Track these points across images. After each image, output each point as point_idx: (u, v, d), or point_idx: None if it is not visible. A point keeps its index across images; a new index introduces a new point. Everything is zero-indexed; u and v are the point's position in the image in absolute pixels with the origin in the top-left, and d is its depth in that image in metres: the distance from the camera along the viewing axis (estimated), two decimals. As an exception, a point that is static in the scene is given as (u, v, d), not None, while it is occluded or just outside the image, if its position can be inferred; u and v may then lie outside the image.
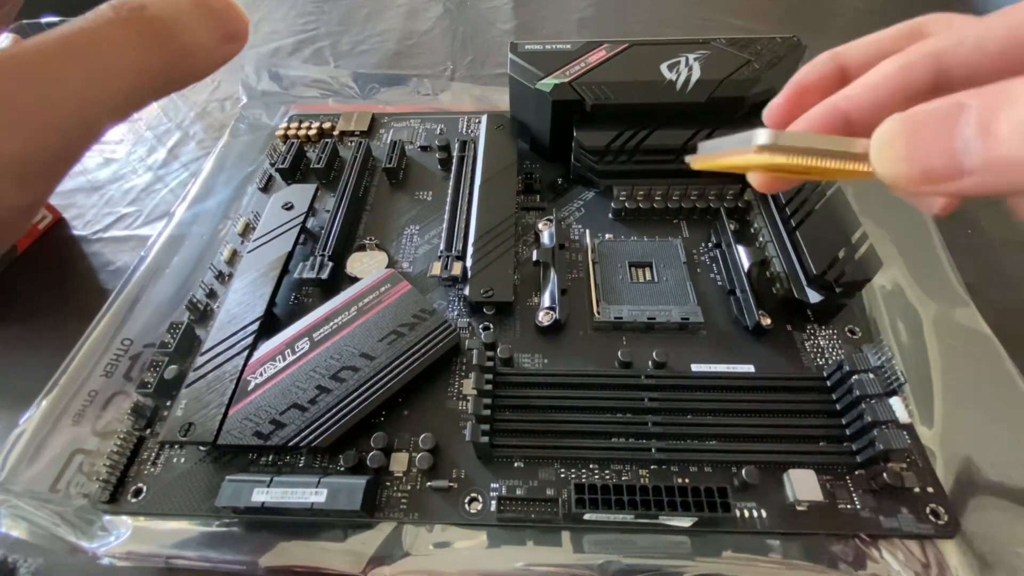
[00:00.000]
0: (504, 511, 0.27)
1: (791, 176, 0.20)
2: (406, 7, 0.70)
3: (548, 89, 0.40)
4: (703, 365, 0.33)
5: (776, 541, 0.27)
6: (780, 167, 0.16)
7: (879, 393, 0.28)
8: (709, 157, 0.19)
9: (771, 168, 0.16)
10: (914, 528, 0.27)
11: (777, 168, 0.16)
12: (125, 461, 0.30)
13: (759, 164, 0.16)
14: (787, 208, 0.36)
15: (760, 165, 0.16)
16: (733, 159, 0.17)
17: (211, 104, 0.59)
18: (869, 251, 0.32)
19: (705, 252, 0.39)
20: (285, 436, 0.29)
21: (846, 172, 0.15)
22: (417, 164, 0.48)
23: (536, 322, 0.35)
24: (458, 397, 0.33)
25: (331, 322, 0.33)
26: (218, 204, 0.46)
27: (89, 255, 0.46)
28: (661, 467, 0.30)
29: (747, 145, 0.16)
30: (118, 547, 0.28)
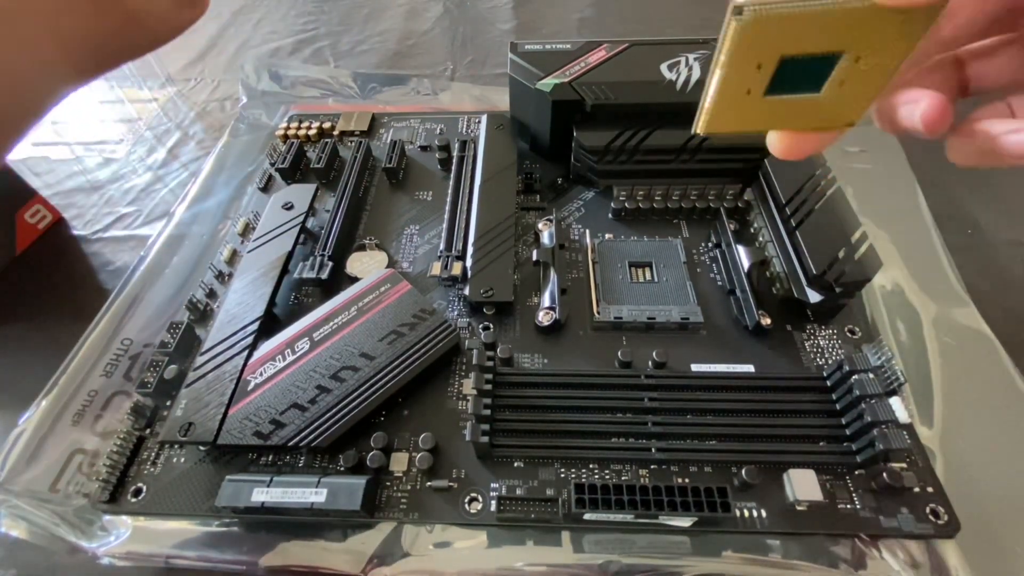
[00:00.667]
0: (504, 511, 0.27)
1: (806, 128, 0.18)
2: (406, 7, 0.70)
3: (548, 89, 0.40)
4: (703, 365, 0.33)
5: (776, 541, 0.27)
6: (774, 38, 0.14)
7: (879, 393, 0.28)
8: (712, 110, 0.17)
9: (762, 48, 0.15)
10: (914, 528, 0.27)
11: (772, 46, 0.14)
12: (125, 461, 0.30)
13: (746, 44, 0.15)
14: (787, 208, 0.36)
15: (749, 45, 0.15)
16: (729, 80, 0.16)
17: (211, 104, 0.59)
18: (869, 251, 0.32)
19: (705, 252, 0.39)
20: (285, 436, 0.29)
21: (844, 13, 0.14)
22: (417, 164, 0.48)
23: (536, 322, 0.35)
24: (458, 397, 0.33)
25: (331, 322, 0.33)
26: (218, 204, 0.46)
27: (89, 255, 0.46)
28: (661, 467, 0.30)
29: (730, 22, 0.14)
30: (118, 547, 0.28)
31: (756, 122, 0.17)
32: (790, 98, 0.16)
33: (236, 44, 0.67)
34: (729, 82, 0.16)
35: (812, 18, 0.14)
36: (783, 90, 0.16)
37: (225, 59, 0.65)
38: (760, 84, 0.16)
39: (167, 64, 0.64)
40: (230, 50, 0.66)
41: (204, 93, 0.61)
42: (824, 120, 0.17)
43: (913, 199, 0.43)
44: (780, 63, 0.15)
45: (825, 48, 0.15)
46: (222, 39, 0.68)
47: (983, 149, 0.17)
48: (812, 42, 0.15)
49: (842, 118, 0.17)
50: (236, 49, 0.66)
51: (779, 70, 0.16)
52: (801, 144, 0.18)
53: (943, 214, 0.42)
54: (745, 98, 0.16)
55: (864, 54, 0.15)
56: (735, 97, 0.16)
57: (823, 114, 0.17)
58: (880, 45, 0.15)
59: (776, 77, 0.16)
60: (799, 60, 0.15)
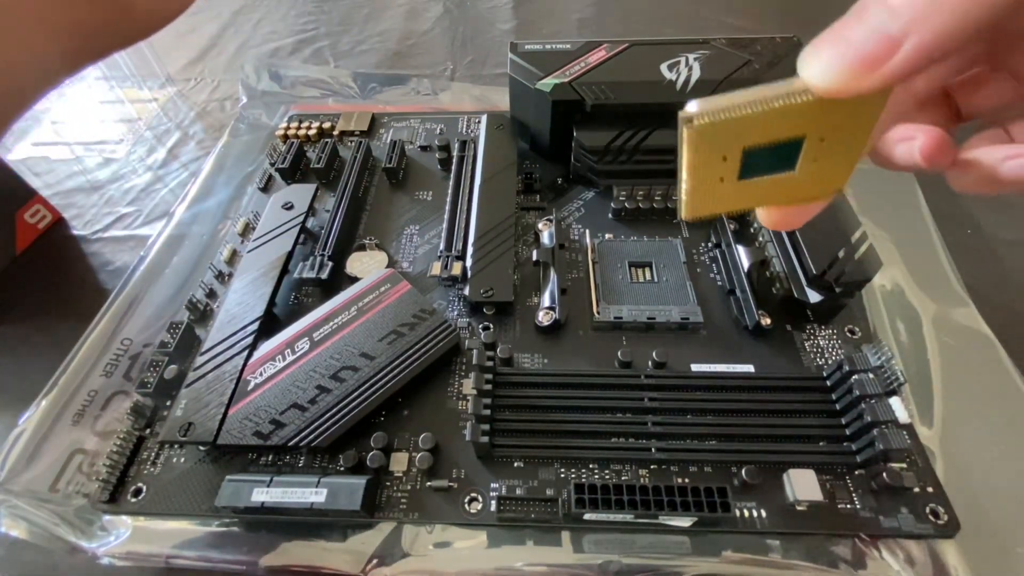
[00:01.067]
0: (504, 511, 0.27)
1: (792, 203, 0.18)
2: (406, 7, 0.70)
3: (548, 89, 0.40)
4: (703, 365, 0.33)
5: (776, 541, 0.27)
6: (725, 130, 0.15)
7: (879, 393, 0.28)
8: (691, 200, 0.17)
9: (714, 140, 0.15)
10: (914, 528, 0.27)
11: (724, 136, 0.15)
12: (125, 461, 0.30)
13: (701, 142, 0.15)
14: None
15: (703, 142, 0.15)
16: (698, 176, 0.16)
17: (211, 104, 0.59)
18: (869, 251, 0.32)
19: (705, 252, 0.39)
20: (285, 436, 0.29)
21: (790, 109, 0.14)
22: (417, 164, 0.48)
23: (536, 322, 0.35)
24: (458, 397, 0.33)
25: (331, 322, 0.33)
26: (218, 204, 0.46)
27: (89, 255, 0.46)
28: (661, 467, 0.30)
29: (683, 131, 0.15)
30: (118, 547, 0.28)
31: (739, 202, 0.17)
32: (767, 179, 0.16)
33: (236, 44, 0.67)
34: (698, 176, 0.16)
35: (760, 118, 0.14)
36: (756, 173, 0.16)
37: (225, 59, 0.65)
38: (731, 172, 0.16)
39: (167, 64, 0.64)
40: (230, 50, 0.66)
41: (204, 93, 0.61)
42: (808, 192, 0.17)
43: (913, 199, 0.43)
44: (744, 154, 0.15)
45: (784, 137, 0.15)
46: (222, 39, 0.68)
47: (983, 177, 0.17)
48: (768, 135, 0.15)
49: (827, 187, 0.17)
50: (236, 49, 0.66)
51: (746, 159, 0.16)
52: (791, 217, 0.18)
53: (943, 214, 0.42)
54: (720, 185, 0.16)
55: (825, 136, 0.15)
56: (710, 186, 0.16)
57: (806, 187, 0.17)
58: (837, 128, 0.15)
59: (745, 164, 0.16)
60: (762, 149, 0.15)
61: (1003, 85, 0.18)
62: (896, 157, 0.17)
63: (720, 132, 0.15)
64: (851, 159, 0.16)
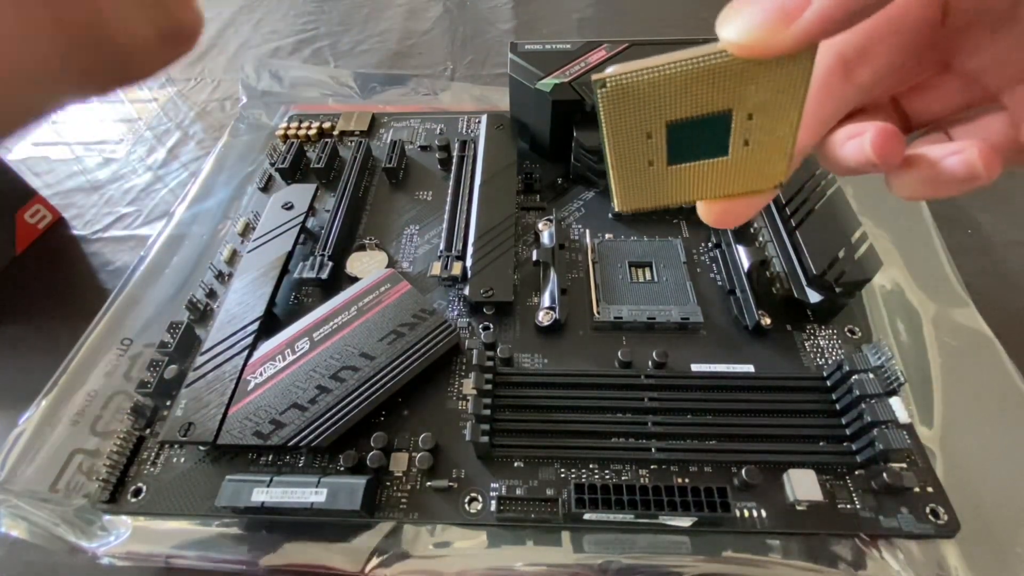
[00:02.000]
0: (504, 511, 0.27)
1: (730, 195, 0.16)
2: (406, 7, 0.70)
3: (548, 89, 0.40)
4: (703, 365, 0.33)
5: (776, 541, 0.27)
6: (638, 93, 0.14)
7: (879, 393, 0.28)
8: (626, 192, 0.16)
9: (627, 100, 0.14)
10: (914, 528, 0.27)
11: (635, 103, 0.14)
12: (125, 461, 0.30)
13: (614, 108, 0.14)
14: (787, 208, 0.36)
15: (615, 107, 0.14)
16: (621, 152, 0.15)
17: (211, 104, 0.59)
18: (869, 251, 0.32)
19: (705, 252, 0.39)
20: (285, 436, 0.29)
21: (709, 71, 0.13)
22: (417, 164, 0.48)
23: (536, 322, 0.35)
24: (458, 397, 0.33)
25: (331, 322, 0.33)
26: (218, 204, 0.46)
27: (89, 255, 0.46)
28: (661, 467, 0.30)
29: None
30: (118, 547, 0.28)
31: (675, 194, 0.16)
32: (699, 165, 0.15)
33: (236, 44, 0.67)
34: (623, 157, 0.15)
35: (676, 80, 0.13)
36: (687, 157, 0.15)
37: (225, 59, 0.65)
38: (659, 154, 0.15)
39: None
40: (230, 50, 0.66)
41: (204, 93, 0.61)
42: (748, 184, 0.16)
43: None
44: (669, 129, 0.15)
45: (706, 109, 0.14)
46: (222, 39, 0.68)
47: (926, 177, 0.16)
48: (689, 104, 0.14)
49: (766, 179, 0.16)
50: (236, 49, 0.66)
51: (672, 137, 0.15)
52: (731, 211, 0.17)
53: (943, 214, 0.42)
54: (650, 171, 0.15)
55: (752, 111, 0.14)
56: (639, 171, 0.15)
57: (743, 177, 0.16)
58: (762, 100, 0.14)
59: (672, 144, 0.15)
60: (688, 125, 0.14)
61: (950, 89, 0.18)
62: (846, 154, 0.17)
63: (635, 96, 0.14)
64: (785, 143, 0.15)
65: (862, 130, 0.16)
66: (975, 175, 0.15)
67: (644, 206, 0.16)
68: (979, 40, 0.16)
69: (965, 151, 0.15)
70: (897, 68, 0.17)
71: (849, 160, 0.17)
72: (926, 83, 0.18)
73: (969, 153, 0.15)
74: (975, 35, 0.16)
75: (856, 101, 0.17)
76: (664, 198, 0.16)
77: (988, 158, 0.15)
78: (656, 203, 0.16)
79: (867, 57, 0.16)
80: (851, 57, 0.16)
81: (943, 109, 0.18)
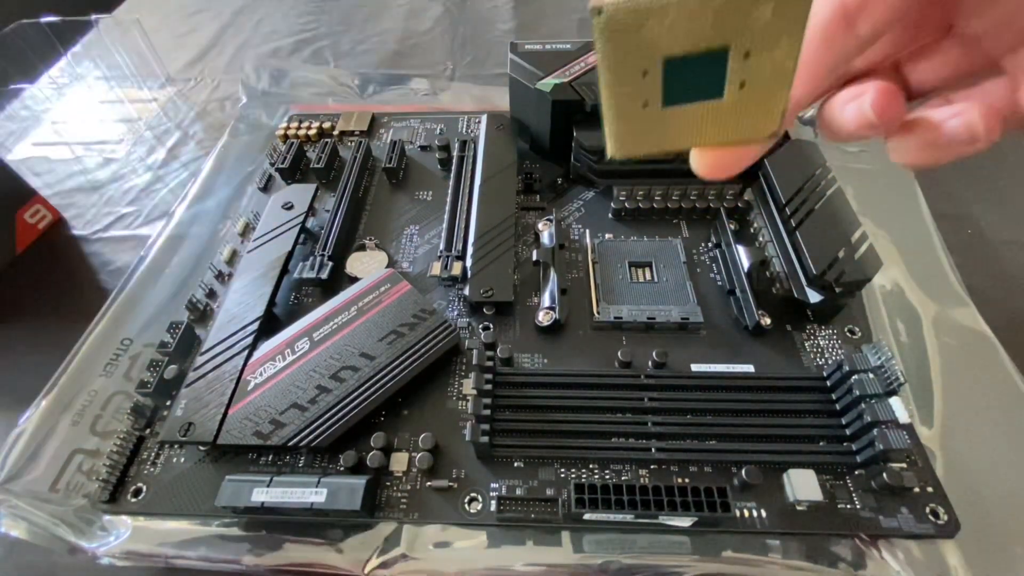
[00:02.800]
0: (504, 511, 0.27)
1: (724, 142, 0.16)
2: (406, 7, 0.70)
3: (548, 89, 0.40)
4: (703, 365, 0.33)
5: (776, 541, 0.27)
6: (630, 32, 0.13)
7: (879, 393, 0.28)
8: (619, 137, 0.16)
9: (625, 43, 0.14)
10: (914, 528, 0.27)
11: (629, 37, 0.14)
12: (125, 461, 0.30)
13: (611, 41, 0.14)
14: (787, 208, 0.36)
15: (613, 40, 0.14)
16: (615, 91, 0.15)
17: (211, 104, 0.59)
18: (869, 251, 0.32)
19: (705, 252, 0.39)
20: (285, 436, 0.29)
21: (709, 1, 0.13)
22: (417, 164, 0.48)
23: (536, 322, 0.35)
24: (458, 397, 0.33)
25: (331, 322, 0.33)
26: (218, 204, 0.46)
27: (89, 255, 0.46)
28: (661, 467, 0.30)
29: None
30: (118, 547, 0.28)
31: (668, 139, 0.16)
32: (694, 108, 0.15)
33: (236, 44, 0.67)
34: (619, 94, 0.15)
35: (675, 9, 0.13)
36: (682, 98, 0.15)
37: (225, 59, 0.65)
38: (654, 93, 0.15)
39: (167, 64, 0.64)
40: (230, 50, 0.66)
41: (204, 93, 0.61)
42: (741, 131, 0.16)
43: (913, 199, 0.43)
44: (665, 66, 0.14)
45: (703, 43, 0.14)
46: (222, 39, 0.68)
47: (926, 141, 0.16)
48: (685, 37, 0.14)
49: (760, 128, 0.16)
50: (236, 49, 0.66)
51: (668, 75, 0.14)
52: (723, 161, 0.17)
53: (943, 214, 0.42)
54: (645, 112, 0.15)
55: (750, 47, 0.14)
56: (633, 112, 0.15)
57: (738, 125, 0.16)
58: (760, 33, 0.14)
59: (668, 83, 0.15)
60: (684, 61, 0.14)
61: (951, 54, 0.18)
62: (847, 117, 0.16)
63: (631, 25, 0.13)
64: (782, 88, 0.15)
65: (862, 91, 0.16)
66: (975, 136, 0.15)
67: (638, 151, 0.16)
68: (981, 0, 0.16)
69: (966, 112, 0.15)
70: (898, 24, 0.16)
71: (849, 123, 0.17)
72: (927, 48, 0.18)
73: (970, 115, 0.15)
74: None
75: (856, 54, 0.17)
76: (658, 143, 0.16)
77: (989, 119, 0.15)
78: (650, 148, 0.16)
79: (868, 7, 0.15)
80: (852, 6, 0.15)
81: (944, 75, 0.18)
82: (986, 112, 0.15)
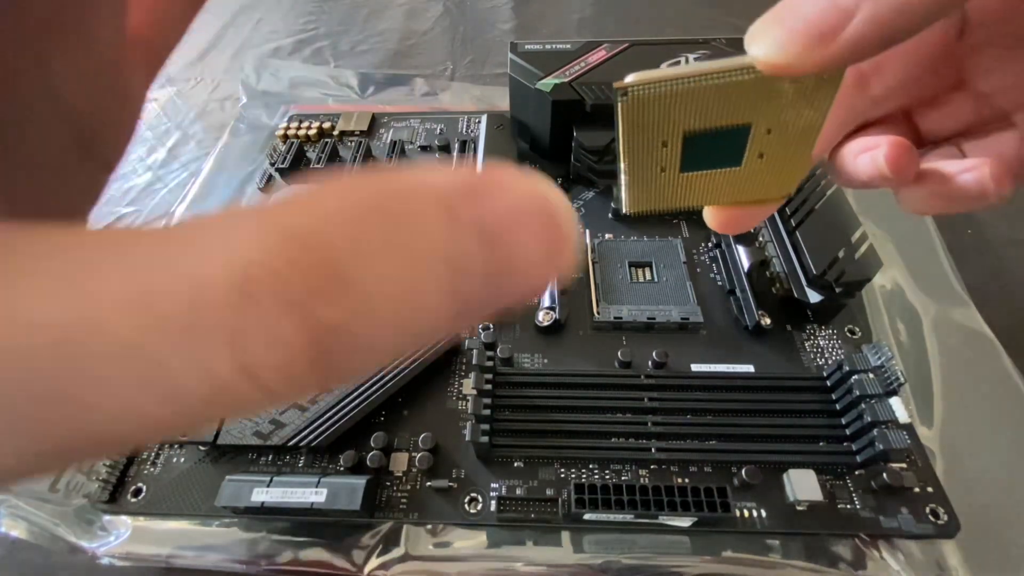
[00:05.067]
0: (504, 511, 0.27)
1: (738, 203, 0.16)
2: (406, 7, 0.70)
3: (548, 89, 0.40)
4: (703, 365, 0.33)
5: (776, 541, 0.27)
6: (656, 104, 0.13)
7: (879, 393, 0.28)
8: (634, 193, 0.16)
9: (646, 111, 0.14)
10: (914, 528, 0.27)
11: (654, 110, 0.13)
12: (125, 461, 0.30)
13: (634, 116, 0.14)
14: (787, 208, 0.36)
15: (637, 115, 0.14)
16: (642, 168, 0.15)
17: (211, 104, 0.59)
18: (869, 251, 0.32)
19: (705, 252, 0.39)
20: (285, 436, 0.29)
21: (734, 86, 0.13)
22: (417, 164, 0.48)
23: (536, 322, 0.35)
24: (458, 397, 0.33)
25: (331, 322, 0.33)
26: (218, 204, 0.46)
27: (89, 255, 0.46)
28: (661, 467, 0.30)
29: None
30: (118, 547, 0.28)
31: (684, 198, 0.16)
32: (711, 174, 0.15)
33: (236, 44, 0.67)
34: (638, 163, 0.15)
35: (699, 94, 0.13)
36: (700, 166, 0.15)
37: (225, 59, 0.65)
38: (673, 162, 0.15)
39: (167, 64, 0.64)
40: (230, 50, 0.66)
41: (204, 93, 0.61)
42: (757, 193, 0.16)
43: (913, 199, 0.42)
44: (685, 140, 0.14)
45: (726, 122, 0.14)
46: (222, 39, 0.68)
47: (937, 193, 0.16)
48: (709, 118, 0.14)
49: (776, 189, 0.16)
50: (236, 49, 0.66)
51: (687, 147, 0.15)
52: (737, 219, 0.17)
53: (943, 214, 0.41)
54: (662, 176, 0.15)
55: (772, 127, 0.14)
56: (650, 176, 0.15)
57: (753, 187, 0.16)
58: (784, 117, 0.14)
59: (687, 154, 0.15)
60: (705, 136, 0.14)
61: (963, 106, 0.18)
62: (859, 168, 0.17)
63: (655, 108, 0.13)
64: (801, 158, 0.15)
65: (875, 144, 0.16)
66: (986, 193, 0.15)
67: (653, 209, 0.16)
68: (995, 59, 0.16)
69: (977, 168, 0.15)
70: (911, 82, 0.17)
71: (861, 174, 0.17)
72: (939, 99, 0.18)
73: (982, 171, 0.15)
74: (992, 54, 0.16)
75: (868, 113, 0.17)
76: (673, 203, 0.16)
77: (1000, 176, 0.15)
78: (664, 207, 0.16)
79: (882, 70, 0.16)
80: (866, 69, 0.16)
81: (955, 125, 0.18)
82: (997, 168, 0.15)
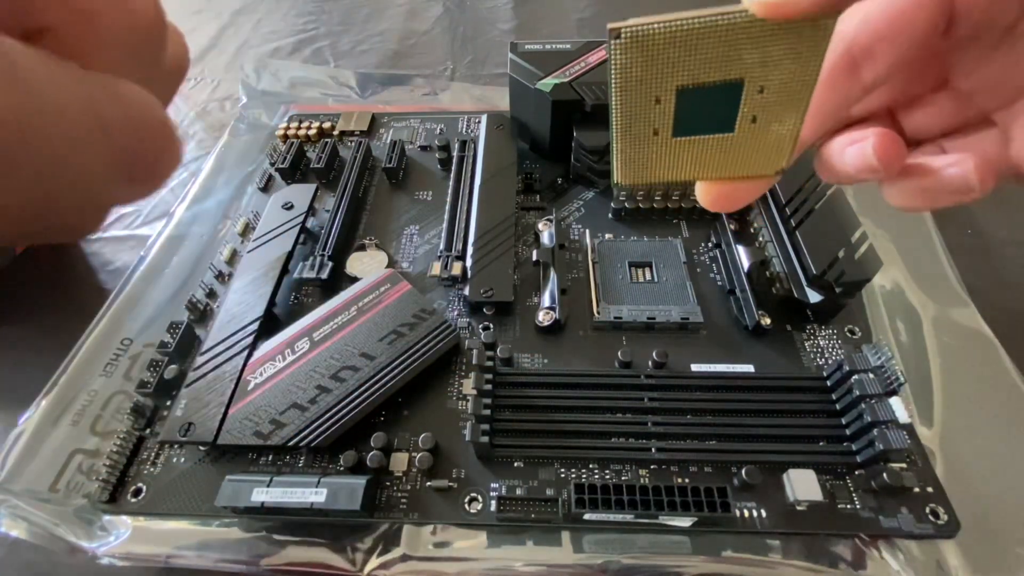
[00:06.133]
0: (504, 511, 0.27)
1: (731, 176, 0.17)
2: (406, 7, 0.70)
3: (548, 89, 0.40)
4: (703, 365, 0.33)
5: (776, 541, 0.27)
6: (652, 48, 0.13)
7: (879, 393, 0.28)
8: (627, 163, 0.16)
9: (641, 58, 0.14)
10: (914, 528, 0.27)
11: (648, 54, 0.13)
12: (125, 461, 0.30)
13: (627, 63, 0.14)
14: (787, 208, 0.36)
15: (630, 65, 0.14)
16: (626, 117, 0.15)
17: (211, 104, 0.59)
18: (869, 251, 0.32)
19: (705, 252, 0.39)
20: (285, 436, 0.29)
21: (726, 29, 0.13)
22: (417, 164, 0.48)
23: (536, 322, 0.35)
24: (458, 397, 0.33)
25: (331, 322, 0.33)
26: (218, 204, 0.46)
27: (89, 255, 0.46)
28: (661, 467, 0.30)
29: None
30: (118, 547, 0.28)
31: (676, 170, 0.16)
32: (704, 140, 0.15)
33: (236, 44, 0.67)
34: (630, 122, 0.15)
35: (693, 36, 0.13)
36: (693, 130, 0.15)
37: (225, 59, 0.65)
38: (665, 122, 0.15)
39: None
40: (230, 50, 0.66)
41: (204, 93, 0.61)
42: (750, 166, 0.16)
43: (913, 199, 0.42)
44: (679, 95, 0.14)
45: (719, 75, 0.14)
46: (222, 39, 0.68)
47: (923, 187, 0.17)
48: (702, 67, 0.14)
49: (769, 164, 0.16)
50: (236, 49, 0.66)
51: (680, 105, 0.15)
52: (729, 194, 0.17)
53: (943, 214, 0.42)
54: (654, 140, 0.15)
55: (764, 83, 0.14)
56: (643, 139, 0.15)
57: (746, 159, 0.16)
58: (775, 69, 0.14)
59: (680, 113, 0.15)
60: (698, 92, 0.14)
61: (947, 106, 0.18)
62: (847, 160, 0.17)
63: (649, 50, 0.13)
64: (792, 124, 0.15)
65: (863, 136, 0.17)
66: (971, 187, 0.16)
67: (644, 180, 0.16)
68: (978, 57, 0.17)
69: (962, 163, 0.16)
70: (899, 71, 0.17)
71: (850, 167, 0.17)
72: (923, 98, 0.19)
73: (966, 165, 0.16)
74: (975, 51, 0.17)
75: (858, 99, 0.17)
76: (665, 173, 0.16)
77: (983, 171, 0.16)
78: (656, 177, 0.16)
79: (873, 55, 0.16)
80: (858, 54, 0.16)
81: (939, 125, 0.19)
82: (980, 164, 0.16)
